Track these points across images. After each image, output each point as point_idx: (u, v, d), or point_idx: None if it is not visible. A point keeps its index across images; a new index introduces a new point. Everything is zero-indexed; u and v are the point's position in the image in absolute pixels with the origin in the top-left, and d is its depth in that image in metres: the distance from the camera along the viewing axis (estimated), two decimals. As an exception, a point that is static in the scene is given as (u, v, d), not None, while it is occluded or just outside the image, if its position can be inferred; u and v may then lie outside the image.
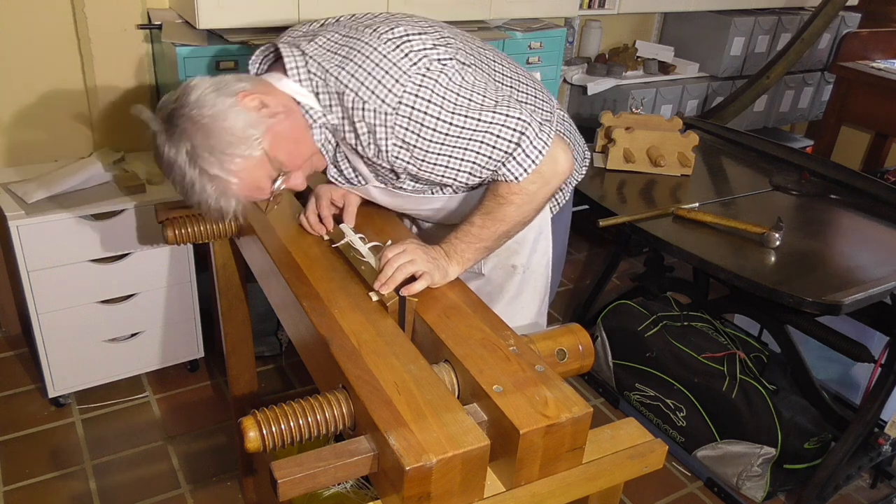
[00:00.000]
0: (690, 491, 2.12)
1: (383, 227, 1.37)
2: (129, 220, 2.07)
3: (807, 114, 3.89)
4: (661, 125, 2.33)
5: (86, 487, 1.96)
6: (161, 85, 2.33)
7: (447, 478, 0.85)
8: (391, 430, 0.86)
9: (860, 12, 3.77)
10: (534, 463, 0.91)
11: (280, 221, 1.37)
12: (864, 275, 1.74)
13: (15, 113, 2.20)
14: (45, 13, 2.13)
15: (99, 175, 2.12)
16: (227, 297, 1.67)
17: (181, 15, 2.18)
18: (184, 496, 1.96)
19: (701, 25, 3.42)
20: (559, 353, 1.10)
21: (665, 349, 2.21)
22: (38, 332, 2.06)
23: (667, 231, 1.91)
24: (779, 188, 2.21)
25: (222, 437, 2.17)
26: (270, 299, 1.33)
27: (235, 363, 1.77)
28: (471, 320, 1.10)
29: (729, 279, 1.75)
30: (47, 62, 2.18)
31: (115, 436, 2.14)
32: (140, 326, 2.23)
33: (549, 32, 2.69)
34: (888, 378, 1.90)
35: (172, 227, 1.40)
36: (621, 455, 0.97)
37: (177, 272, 2.21)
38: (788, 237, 1.88)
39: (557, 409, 0.91)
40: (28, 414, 2.19)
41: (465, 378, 0.99)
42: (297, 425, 0.92)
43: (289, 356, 2.51)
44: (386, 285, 1.14)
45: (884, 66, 3.50)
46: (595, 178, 2.25)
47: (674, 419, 2.17)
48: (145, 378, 2.37)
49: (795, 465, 2.00)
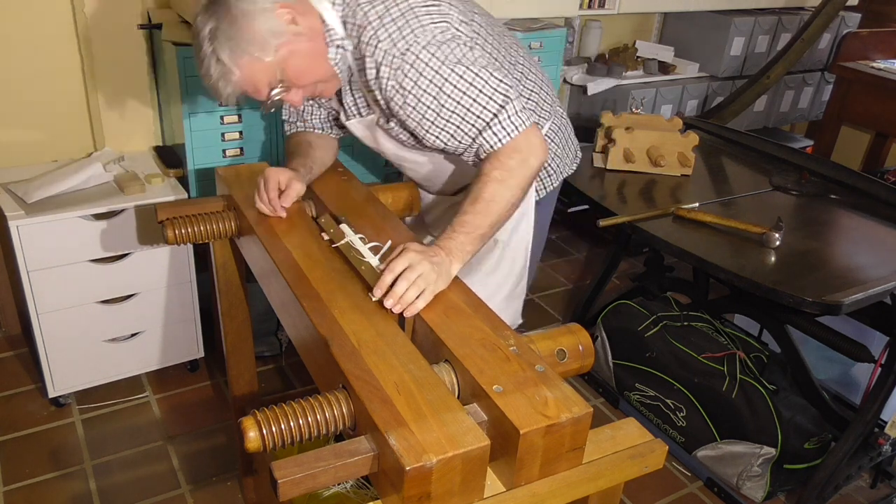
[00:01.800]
0: (690, 491, 2.12)
1: (383, 227, 1.37)
2: (129, 220, 2.07)
3: (807, 114, 3.89)
4: (661, 125, 2.33)
5: (86, 487, 1.96)
6: (161, 85, 2.33)
7: (447, 478, 0.85)
8: (391, 430, 0.86)
9: (860, 12, 3.77)
10: (534, 463, 0.91)
11: (280, 221, 1.37)
12: (864, 275, 1.74)
13: (15, 113, 2.20)
14: (45, 13, 2.13)
15: (99, 175, 2.12)
16: (227, 297, 1.67)
17: (181, 15, 2.18)
18: (184, 496, 1.96)
19: (701, 25, 3.42)
20: (559, 353, 1.10)
21: (665, 349, 2.21)
22: (38, 332, 2.06)
23: (667, 231, 1.91)
24: (779, 188, 2.21)
25: (222, 437, 2.17)
26: (270, 299, 1.33)
27: (235, 363, 1.77)
28: (471, 320, 1.10)
29: (729, 279, 1.75)
30: (47, 62, 2.18)
31: (115, 436, 2.14)
32: (140, 326, 2.23)
33: (549, 32, 2.69)
34: (888, 378, 1.90)
35: (172, 227, 1.40)
36: (621, 455, 0.97)
37: (177, 272, 2.21)
38: (788, 237, 1.88)
39: (557, 409, 0.91)
40: (28, 414, 2.19)
41: (465, 378, 0.99)
42: (297, 425, 0.92)
43: (289, 356, 2.51)
44: (390, 300, 1.11)
45: (884, 66, 3.50)
46: (595, 178, 2.25)
47: (674, 419, 2.17)
48: (145, 378, 2.37)
49: (795, 465, 2.00)
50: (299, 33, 1.25)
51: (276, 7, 1.22)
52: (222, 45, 1.21)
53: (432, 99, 1.27)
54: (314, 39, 1.28)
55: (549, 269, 3.23)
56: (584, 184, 2.19)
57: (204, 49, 1.23)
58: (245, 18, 1.20)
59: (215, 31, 1.21)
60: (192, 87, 2.02)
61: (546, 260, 3.29)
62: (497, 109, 1.26)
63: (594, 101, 3.19)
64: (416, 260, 1.13)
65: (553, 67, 2.75)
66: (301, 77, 1.29)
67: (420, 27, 1.24)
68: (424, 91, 1.26)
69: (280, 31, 1.22)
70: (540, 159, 1.30)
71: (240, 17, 1.20)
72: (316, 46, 1.28)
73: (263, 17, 1.21)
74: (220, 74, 1.24)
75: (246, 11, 1.20)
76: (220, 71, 1.23)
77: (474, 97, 1.26)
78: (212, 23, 1.21)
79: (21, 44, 2.13)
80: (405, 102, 1.28)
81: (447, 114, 1.28)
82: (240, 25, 1.20)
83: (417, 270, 1.12)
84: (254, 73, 1.24)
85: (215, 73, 1.24)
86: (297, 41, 1.25)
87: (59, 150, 2.30)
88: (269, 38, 1.21)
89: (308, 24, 1.26)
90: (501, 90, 1.26)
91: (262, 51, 1.22)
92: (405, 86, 1.26)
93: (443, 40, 1.25)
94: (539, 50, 2.68)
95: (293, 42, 1.24)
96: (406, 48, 1.23)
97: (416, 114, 1.29)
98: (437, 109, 1.28)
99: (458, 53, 1.25)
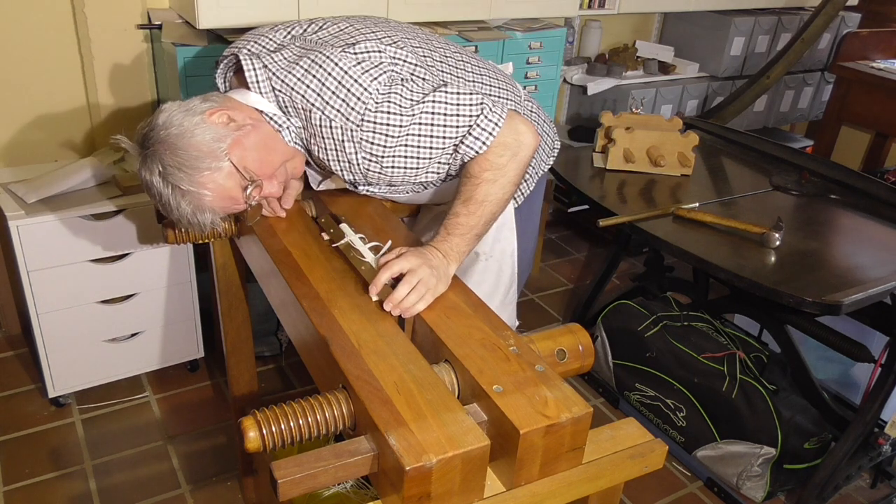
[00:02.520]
0: (690, 491, 2.12)
1: (383, 227, 1.37)
2: (129, 220, 2.07)
3: (807, 114, 3.89)
4: (661, 125, 2.33)
5: (86, 487, 1.96)
6: (161, 85, 2.33)
7: (447, 478, 0.85)
8: (391, 430, 0.86)
9: (860, 12, 3.77)
10: (534, 463, 0.91)
11: (280, 221, 1.37)
12: (864, 275, 1.74)
13: (15, 113, 2.20)
14: (45, 13, 2.13)
15: (99, 175, 2.12)
16: (227, 297, 1.67)
17: (181, 15, 2.18)
18: (184, 496, 1.96)
19: (701, 25, 3.42)
20: (559, 353, 1.10)
21: (665, 349, 2.21)
22: (38, 332, 2.06)
23: (667, 231, 1.91)
24: (779, 188, 2.21)
25: (222, 437, 2.17)
26: (270, 299, 1.33)
27: (235, 363, 1.77)
28: (471, 320, 1.10)
29: (729, 279, 1.75)
30: (47, 62, 2.18)
31: (115, 436, 2.14)
32: (140, 326, 2.23)
33: (549, 32, 2.69)
34: (888, 378, 1.90)
35: (172, 227, 1.39)
36: (621, 455, 0.97)
37: (177, 272, 2.21)
38: (788, 237, 1.88)
39: (557, 409, 0.91)
40: (28, 414, 2.19)
41: (465, 378, 0.99)
42: (297, 425, 0.92)
43: (289, 356, 2.51)
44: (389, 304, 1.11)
45: (884, 66, 3.50)
46: (595, 178, 2.25)
47: (674, 419, 2.17)
48: (145, 378, 2.37)
49: (795, 465, 2.00)
50: (242, 126, 1.21)
51: (207, 116, 1.19)
52: (177, 176, 1.16)
53: (405, 149, 1.24)
54: (258, 126, 1.24)
55: (549, 269, 3.23)
56: (584, 184, 2.19)
57: (164, 195, 1.18)
58: (182, 139, 1.16)
59: (164, 170, 1.17)
60: (192, 88, 2.02)
61: (546, 260, 3.29)
62: (468, 121, 1.23)
63: (594, 101, 3.19)
64: (416, 264, 1.13)
65: (553, 67, 2.76)
66: (265, 166, 1.24)
67: (363, 90, 1.19)
68: (395, 148, 1.23)
69: (221, 134, 1.18)
70: (531, 145, 1.26)
71: (176, 141, 1.16)
72: (265, 132, 1.24)
73: (200, 129, 1.17)
74: (195, 206, 1.20)
75: (180, 133, 1.17)
76: (191, 203, 1.19)
77: (443, 125, 1.23)
78: (156, 166, 1.17)
79: (21, 44, 2.13)
80: (382, 166, 1.26)
81: (426, 153, 1.25)
82: (182, 149, 1.16)
83: (418, 275, 1.12)
84: (221, 184, 1.19)
85: (188, 207, 1.19)
86: (243, 135, 1.21)
87: (59, 150, 2.31)
88: (215, 144, 1.18)
89: (244, 115, 1.23)
90: (465, 101, 1.23)
91: (215, 160, 1.17)
92: (375, 152, 1.23)
93: (390, 90, 1.21)
94: (539, 50, 2.68)
95: (240, 137, 1.20)
96: (360, 119, 1.20)
97: (397, 171, 1.27)
98: (415, 155, 1.25)
99: (408, 94, 1.22)
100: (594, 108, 3.22)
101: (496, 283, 1.52)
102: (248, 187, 1.22)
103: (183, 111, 1.19)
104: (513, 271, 1.52)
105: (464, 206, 1.23)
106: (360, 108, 1.19)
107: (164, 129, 1.17)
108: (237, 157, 1.20)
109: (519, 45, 2.63)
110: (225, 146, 1.18)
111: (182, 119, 1.18)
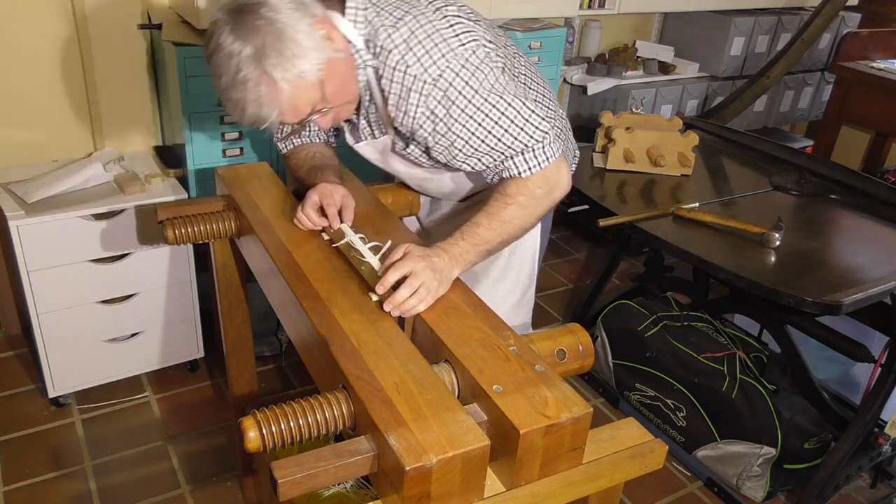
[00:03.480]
0: (690, 491, 2.12)
1: (383, 227, 1.37)
2: (129, 220, 2.07)
3: (807, 114, 3.89)
4: (661, 125, 2.33)
5: (86, 487, 1.96)
6: (161, 85, 2.33)
7: (447, 478, 0.85)
8: (391, 430, 0.86)
9: (860, 12, 3.77)
10: (534, 463, 0.91)
11: (280, 221, 1.37)
12: (864, 275, 1.74)
13: (15, 113, 2.20)
14: (45, 13, 2.13)
15: (99, 175, 2.12)
16: (227, 297, 1.67)
17: (181, 15, 2.18)
18: (184, 496, 1.96)
19: (701, 25, 3.42)
20: (559, 353, 1.10)
21: (665, 349, 2.21)
22: (38, 332, 2.06)
23: (667, 231, 1.91)
24: (779, 188, 2.21)
25: (222, 437, 2.17)
26: (270, 299, 1.33)
27: (235, 363, 1.77)
28: (471, 320, 1.10)
29: (729, 279, 1.75)
30: (47, 62, 2.18)
31: (115, 436, 2.14)
32: (140, 326, 2.23)
33: (549, 32, 2.69)
34: (888, 378, 1.90)
35: (172, 227, 1.40)
36: (621, 455, 0.97)
37: (177, 272, 2.21)
38: (788, 237, 1.88)
39: (557, 409, 0.91)
40: (28, 414, 2.19)
41: (465, 378, 0.99)
42: (297, 425, 0.92)
43: (289, 356, 2.51)
44: (390, 305, 1.11)
45: (884, 66, 3.50)
46: (595, 178, 2.25)
47: (674, 419, 2.17)
48: (145, 378, 2.37)
49: (795, 465, 2.00)
50: (337, 50, 1.18)
51: (313, 21, 1.15)
52: (272, 61, 1.10)
53: (463, 128, 1.23)
54: (347, 59, 1.22)
55: (549, 269, 3.23)
56: (584, 184, 2.19)
57: (244, 72, 1.11)
58: (290, 30, 1.11)
59: (261, 49, 1.09)
60: (192, 87, 2.02)
61: (546, 260, 3.29)
62: (529, 141, 1.24)
63: (594, 101, 3.19)
64: (419, 267, 1.12)
65: (553, 67, 2.75)
66: (337, 97, 1.22)
67: (450, 51, 1.18)
68: (456, 120, 1.22)
69: (321, 46, 1.15)
70: (563, 193, 1.30)
71: (284, 29, 1.10)
72: (349, 66, 1.22)
73: (306, 32, 1.12)
74: (267, 96, 1.13)
75: (289, 24, 1.11)
76: (267, 92, 1.12)
77: (506, 128, 1.22)
78: (253, 41, 1.10)
79: (21, 44, 2.13)
80: (434, 129, 1.24)
81: (477, 143, 1.24)
82: (288, 39, 1.10)
83: (420, 278, 1.12)
84: (302, 91, 1.15)
85: (260, 95, 1.12)
86: (336, 58, 1.18)
87: (59, 150, 2.30)
88: (314, 54, 1.13)
89: (339, 39, 1.20)
90: (535, 123, 1.23)
91: (309, 66, 1.13)
92: (437, 113, 1.22)
93: (476, 64, 1.20)
94: (539, 50, 2.68)
95: (333, 58, 1.17)
96: (438, 74, 1.19)
97: (444, 140, 1.25)
98: (467, 138, 1.24)
99: (491, 79, 1.21)
100: (594, 108, 3.22)
101: (516, 281, 1.54)
102: (317, 108, 1.20)
103: (294, 3, 1.13)
104: (532, 271, 1.53)
105: (487, 220, 1.24)
106: (443, 64, 1.19)
107: (273, 12, 1.11)
108: (326, 75, 1.16)
109: (519, 45, 2.63)
110: (320, 60, 1.14)
111: (292, 12, 1.12)
